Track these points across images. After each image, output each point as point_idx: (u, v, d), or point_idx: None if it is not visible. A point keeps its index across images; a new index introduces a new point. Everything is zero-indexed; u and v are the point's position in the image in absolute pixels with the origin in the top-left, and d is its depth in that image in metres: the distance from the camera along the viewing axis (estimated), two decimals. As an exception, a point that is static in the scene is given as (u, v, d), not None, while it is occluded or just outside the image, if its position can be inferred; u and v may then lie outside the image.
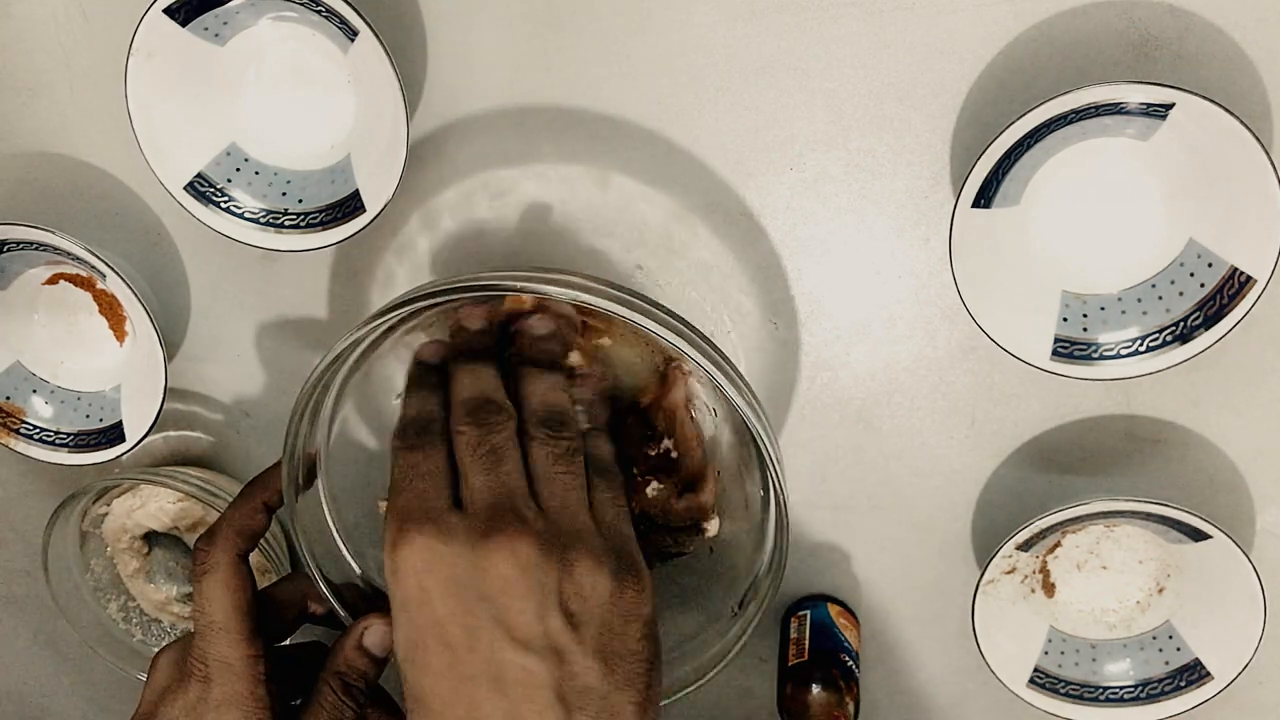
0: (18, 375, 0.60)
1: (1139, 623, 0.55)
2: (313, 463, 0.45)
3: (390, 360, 0.47)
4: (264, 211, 0.53)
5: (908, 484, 0.56)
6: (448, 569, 0.35)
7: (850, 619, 0.59)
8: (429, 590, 0.35)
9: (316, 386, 0.41)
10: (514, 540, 0.35)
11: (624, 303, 0.39)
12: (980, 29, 0.48)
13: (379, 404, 0.48)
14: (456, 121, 0.53)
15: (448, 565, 0.35)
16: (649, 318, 0.39)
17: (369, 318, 0.40)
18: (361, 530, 0.48)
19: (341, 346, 0.40)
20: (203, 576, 0.43)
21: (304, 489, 0.45)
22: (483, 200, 0.54)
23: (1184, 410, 0.53)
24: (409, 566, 0.35)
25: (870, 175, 0.51)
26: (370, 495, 0.48)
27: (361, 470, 0.48)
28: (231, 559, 0.43)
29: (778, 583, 0.43)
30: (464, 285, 0.39)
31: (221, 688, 0.41)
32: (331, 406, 0.45)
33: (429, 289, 0.39)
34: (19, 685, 0.74)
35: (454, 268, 0.56)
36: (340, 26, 0.48)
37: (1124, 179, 0.47)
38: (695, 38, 0.50)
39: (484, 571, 0.34)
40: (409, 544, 0.35)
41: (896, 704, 0.62)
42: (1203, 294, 0.47)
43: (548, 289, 0.38)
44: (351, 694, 0.43)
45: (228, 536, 0.43)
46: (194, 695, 0.41)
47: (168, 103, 0.51)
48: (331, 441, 0.46)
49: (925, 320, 0.53)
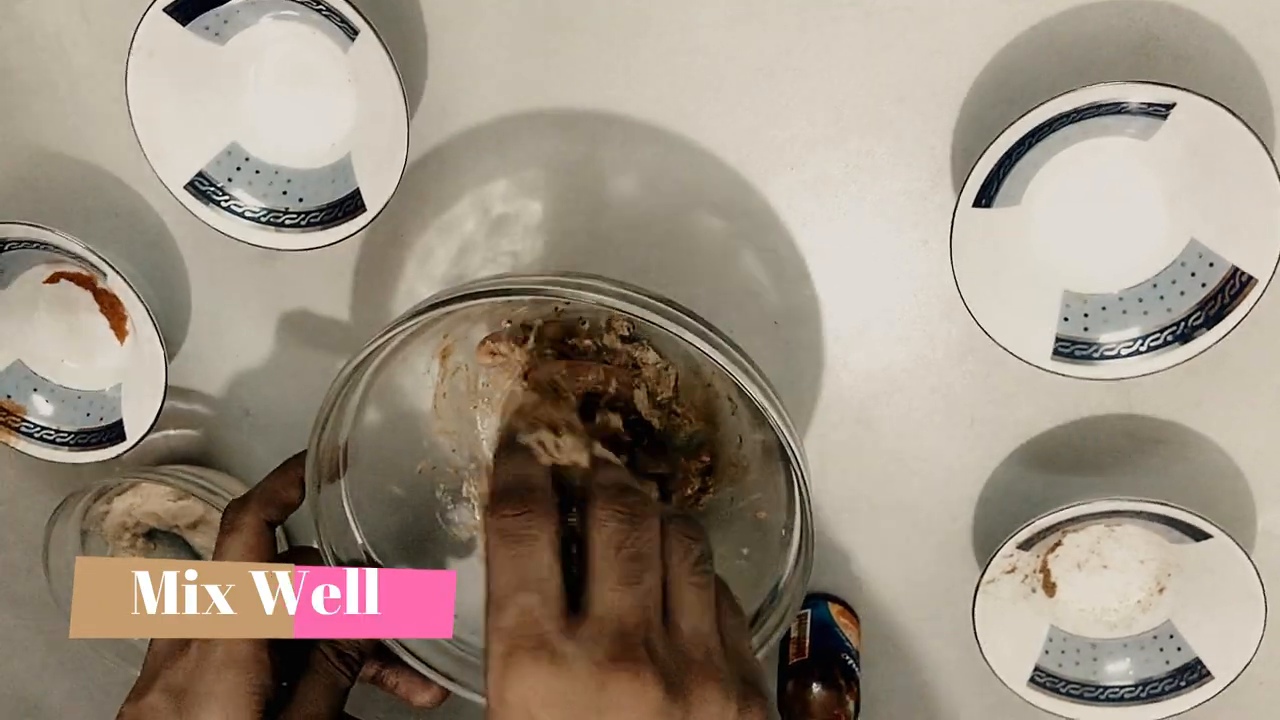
0: (18, 374, 0.60)
1: (1139, 622, 0.55)
2: (337, 458, 0.45)
3: (418, 359, 0.48)
4: (264, 210, 0.53)
5: (908, 484, 0.56)
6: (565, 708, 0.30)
7: (850, 618, 0.59)
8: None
9: (346, 383, 0.41)
10: (642, 681, 0.30)
11: (654, 309, 0.39)
12: (980, 29, 0.48)
13: (402, 401, 0.48)
14: (457, 120, 0.53)
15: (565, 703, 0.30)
16: (681, 325, 0.38)
17: (401, 318, 0.40)
18: (381, 528, 0.48)
19: (372, 346, 0.40)
20: (226, 535, 0.43)
21: (328, 482, 0.45)
22: (483, 199, 0.54)
23: (1185, 410, 0.53)
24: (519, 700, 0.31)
25: (870, 175, 0.51)
26: (389, 499, 0.48)
27: (384, 469, 0.48)
28: (258, 523, 0.43)
29: (801, 594, 0.43)
30: (497, 289, 0.39)
31: (224, 647, 0.41)
32: (357, 403, 0.45)
33: (458, 292, 0.40)
34: (19, 685, 0.74)
35: (456, 268, 0.56)
36: (341, 25, 0.48)
37: (1125, 179, 0.47)
38: (695, 38, 0.50)
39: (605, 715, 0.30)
40: (519, 676, 0.31)
41: (896, 703, 0.62)
42: (1204, 294, 0.47)
43: (579, 294, 0.38)
44: (346, 660, 0.43)
45: (259, 502, 0.44)
46: (195, 656, 0.41)
47: (168, 102, 0.51)
48: (356, 438, 0.46)
49: (925, 320, 0.53)
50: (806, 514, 0.41)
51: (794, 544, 0.44)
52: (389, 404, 0.48)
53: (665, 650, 0.32)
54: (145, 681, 0.42)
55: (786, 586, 0.45)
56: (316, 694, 0.42)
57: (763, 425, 0.46)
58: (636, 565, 0.32)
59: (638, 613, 0.32)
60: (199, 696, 0.40)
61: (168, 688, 0.41)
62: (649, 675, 0.30)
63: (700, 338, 0.39)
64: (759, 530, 0.47)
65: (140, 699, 0.41)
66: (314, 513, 0.45)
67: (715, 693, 0.32)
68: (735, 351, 0.41)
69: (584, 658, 0.31)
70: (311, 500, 0.44)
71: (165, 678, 0.41)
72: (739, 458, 0.48)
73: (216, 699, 0.40)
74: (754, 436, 0.48)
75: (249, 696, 0.40)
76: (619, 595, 0.32)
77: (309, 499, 0.44)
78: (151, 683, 0.42)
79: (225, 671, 0.40)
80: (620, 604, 0.32)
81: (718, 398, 0.48)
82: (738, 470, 0.48)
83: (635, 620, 0.31)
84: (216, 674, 0.40)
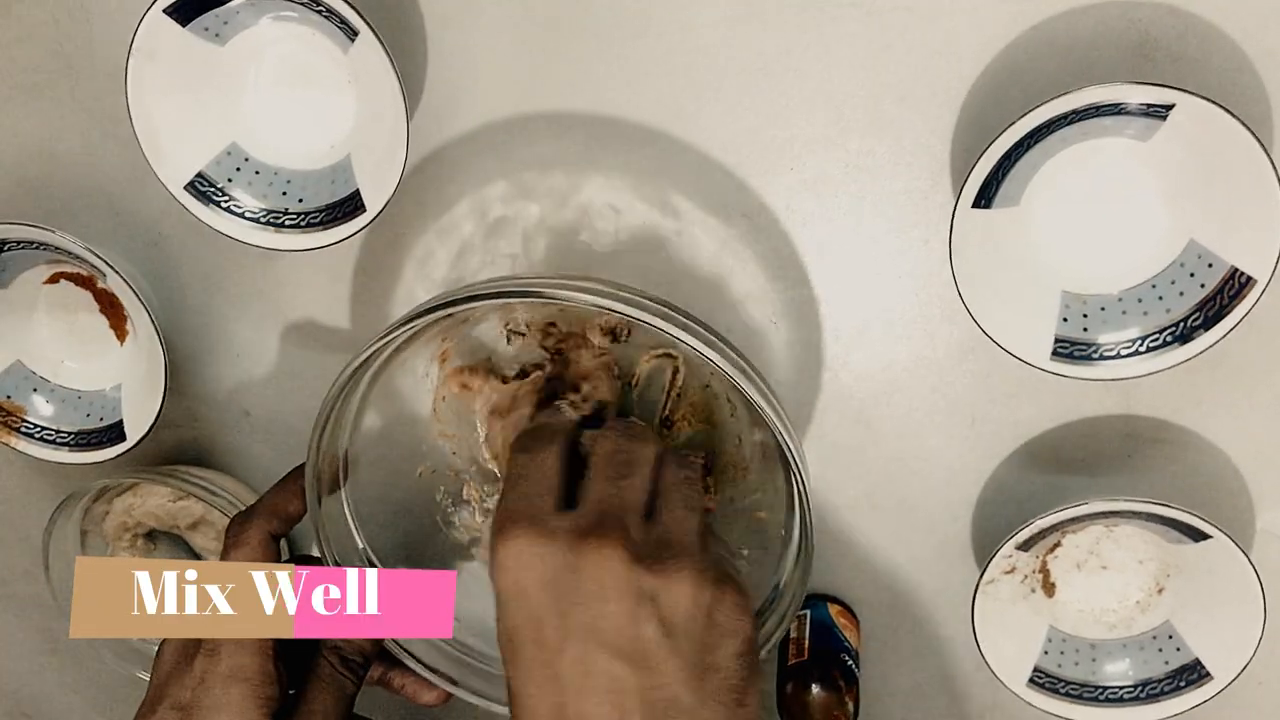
0: (18, 374, 0.60)
1: (1139, 623, 0.55)
2: (336, 467, 0.45)
3: (417, 362, 0.48)
4: (264, 211, 0.53)
5: (908, 484, 0.56)
6: (546, 569, 0.35)
7: (850, 619, 0.59)
8: (526, 588, 0.35)
9: (344, 388, 0.41)
10: (612, 545, 0.34)
11: (652, 310, 0.39)
12: (980, 29, 0.48)
13: (401, 405, 0.48)
14: (457, 121, 0.53)
15: (546, 565, 0.35)
16: (679, 326, 0.39)
17: (399, 321, 0.40)
18: (382, 534, 0.48)
19: (370, 350, 0.40)
20: (231, 550, 0.43)
21: (329, 493, 0.45)
22: (483, 199, 0.54)
23: (1184, 410, 0.53)
24: (508, 563, 0.35)
25: (870, 176, 0.51)
26: (390, 504, 0.48)
27: (384, 474, 0.48)
28: (263, 537, 0.43)
29: (800, 595, 0.43)
30: (493, 292, 0.39)
31: (229, 660, 0.41)
32: (356, 409, 0.45)
33: (457, 294, 0.39)
34: (19, 685, 0.74)
35: (455, 270, 0.56)
36: (340, 26, 0.48)
37: (1124, 179, 0.47)
38: (695, 38, 0.50)
39: (580, 573, 0.34)
40: (510, 541, 0.35)
41: (896, 704, 0.62)
42: (1203, 294, 0.47)
43: (580, 296, 0.38)
44: (349, 666, 0.43)
45: (263, 516, 0.44)
46: (200, 669, 0.41)
47: (168, 102, 0.51)
48: (356, 444, 0.46)
49: (925, 320, 0.53)
50: (806, 515, 0.41)
51: (793, 544, 0.44)
52: (388, 408, 0.48)
53: (640, 532, 0.36)
54: (152, 698, 0.42)
55: (786, 587, 0.45)
56: (323, 701, 0.43)
57: (761, 426, 0.46)
58: (626, 468, 0.38)
59: (619, 500, 0.36)
60: (206, 710, 0.40)
61: (175, 704, 0.41)
62: (618, 542, 0.34)
63: (697, 338, 0.39)
64: (758, 531, 0.47)
65: (149, 716, 0.41)
66: (315, 522, 0.45)
67: (689, 573, 0.35)
68: (733, 352, 0.41)
69: (566, 530, 0.35)
70: (313, 510, 0.44)
71: (172, 694, 0.41)
72: (738, 458, 0.48)
73: (224, 712, 0.40)
74: (753, 438, 0.48)
75: (256, 709, 0.41)
76: (605, 486, 0.37)
77: (310, 509, 0.44)
78: (159, 700, 0.42)
79: (231, 685, 0.41)
80: (605, 492, 0.37)
81: (716, 399, 0.48)
82: (737, 471, 0.48)
83: (616, 504, 0.36)
84: (223, 688, 0.41)
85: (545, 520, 0.36)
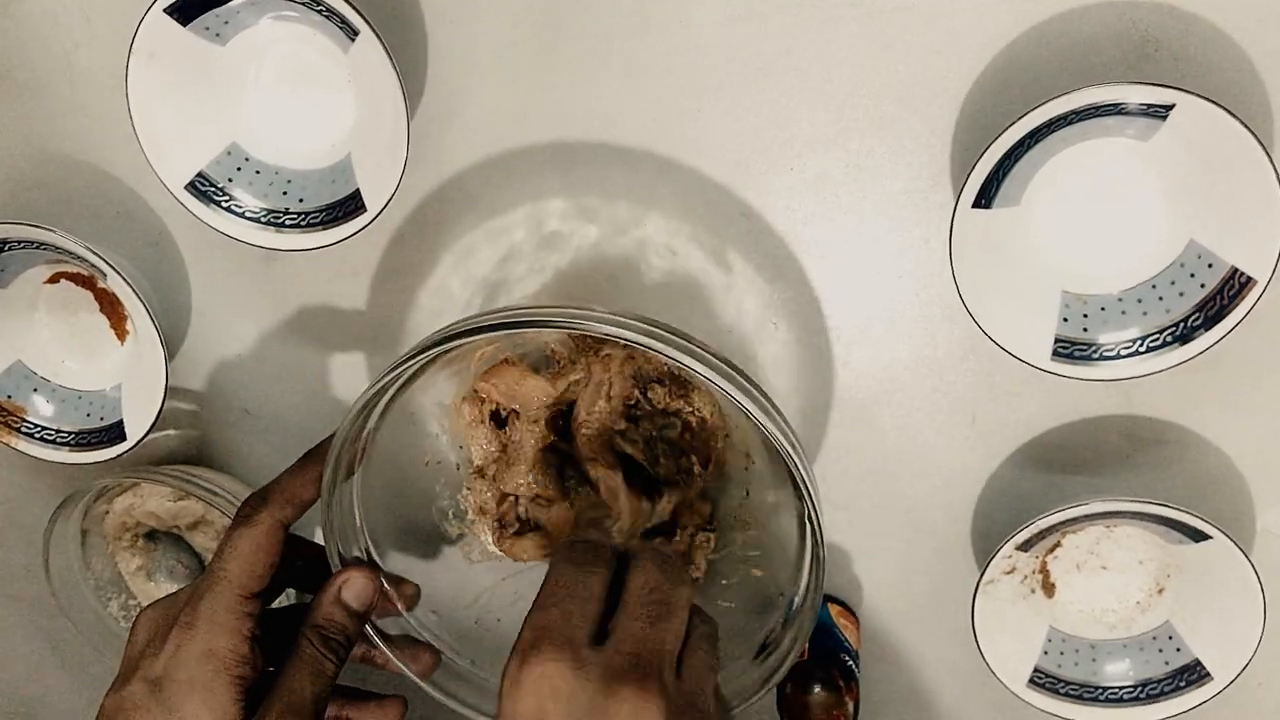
0: (19, 374, 0.60)
1: (1139, 623, 0.55)
2: (355, 456, 0.45)
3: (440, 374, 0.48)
4: (265, 211, 0.53)
5: (908, 484, 0.56)
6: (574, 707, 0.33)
7: (850, 619, 0.59)
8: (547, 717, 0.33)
9: (383, 390, 0.41)
10: (646, 701, 0.33)
11: (662, 340, 0.39)
12: (980, 29, 0.48)
13: (420, 412, 0.49)
14: (457, 120, 0.53)
15: (574, 702, 0.33)
16: (693, 357, 0.39)
17: (442, 335, 0.40)
18: (382, 523, 0.48)
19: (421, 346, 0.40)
20: (239, 526, 0.42)
21: (344, 480, 0.45)
22: (482, 199, 0.54)
23: (1184, 410, 0.53)
24: (533, 686, 0.34)
25: (870, 176, 0.51)
26: (393, 490, 0.48)
27: (395, 464, 0.48)
28: (275, 522, 0.43)
29: (812, 619, 0.43)
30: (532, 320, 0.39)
31: (205, 638, 0.40)
32: (387, 401, 0.45)
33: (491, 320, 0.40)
34: (19, 685, 0.74)
35: (456, 272, 0.56)
36: (341, 26, 0.49)
37: (1124, 179, 0.47)
38: (695, 38, 0.50)
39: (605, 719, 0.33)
40: (540, 663, 0.34)
41: (896, 704, 0.62)
42: (1203, 294, 0.47)
43: (600, 326, 0.38)
44: (331, 647, 0.43)
45: (278, 503, 0.43)
46: (173, 645, 0.41)
47: (168, 102, 0.51)
48: (380, 432, 0.46)
49: (925, 320, 0.53)
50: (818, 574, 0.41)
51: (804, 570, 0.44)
52: (420, 398, 0.48)
53: (674, 690, 0.34)
54: (125, 672, 0.42)
55: (797, 612, 0.45)
56: (300, 680, 0.42)
57: (781, 486, 0.47)
58: (664, 608, 0.36)
59: (656, 646, 0.35)
60: (179, 685, 0.40)
61: (147, 678, 0.41)
62: (655, 696, 0.33)
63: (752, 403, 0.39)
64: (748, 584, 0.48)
65: (120, 689, 0.41)
66: (326, 513, 0.45)
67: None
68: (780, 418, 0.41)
69: (601, 665, 0.33)
70: (325, 502, 0.45)
71: (145, 668, 0.41)
72: (743, 512, 0.50)
73: (196, 688, 0.40)
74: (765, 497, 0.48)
75: (229, 685, 0.40)
76: (643, 627, 0.35)
77: (324, 501, 0.44)
78: (131, 673, 0.41)
79: (205, 662, 0.40)
80: (643, 634, 0.35)
81: (733, 449, 0.50)
82: (738, 524, 0.50)
83: (653, 650, 0.34)
84: (197, 664, 0.40)
85: (579, 650, 0.34)
